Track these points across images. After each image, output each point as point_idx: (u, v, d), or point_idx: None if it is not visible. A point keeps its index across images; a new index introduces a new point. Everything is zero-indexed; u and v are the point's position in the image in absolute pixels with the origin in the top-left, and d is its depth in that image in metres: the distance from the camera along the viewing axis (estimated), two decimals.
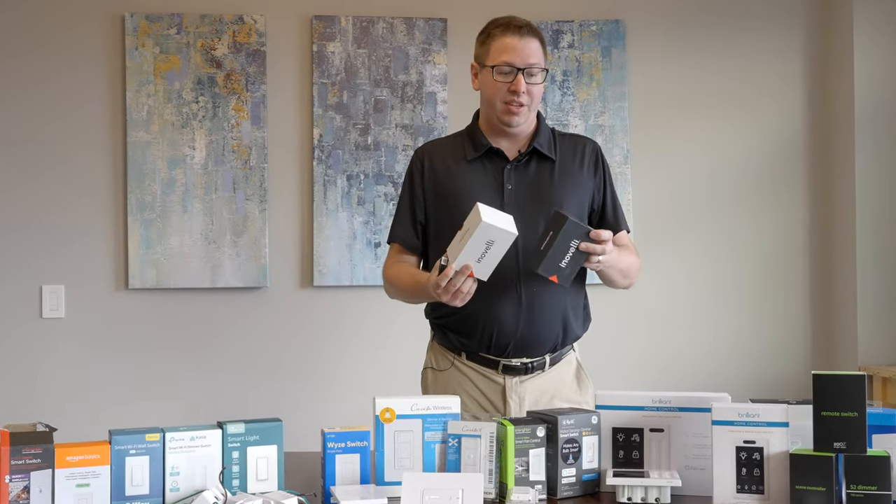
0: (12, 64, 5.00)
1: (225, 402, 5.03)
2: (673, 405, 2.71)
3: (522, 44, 3.18)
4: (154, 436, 2.49)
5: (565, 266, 2.97)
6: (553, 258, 2.96)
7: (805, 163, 5.32)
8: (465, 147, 3.33)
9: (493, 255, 2.93)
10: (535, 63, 3.19)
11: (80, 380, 5.00)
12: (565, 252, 2.95)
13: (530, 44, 3.19)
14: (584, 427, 2.68)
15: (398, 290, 3.37)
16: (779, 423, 2.51)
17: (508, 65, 3.18)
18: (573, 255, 2.96)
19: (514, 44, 3.18)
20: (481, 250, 2.91)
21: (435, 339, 3.43)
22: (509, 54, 3.18)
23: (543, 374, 3.28)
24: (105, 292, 5.03)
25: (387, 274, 3.42)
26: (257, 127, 5.05)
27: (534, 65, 3.19)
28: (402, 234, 3.38)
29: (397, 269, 3.37)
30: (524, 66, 3.18)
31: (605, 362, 4.91)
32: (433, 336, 3.44)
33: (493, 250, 2.92)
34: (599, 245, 2.96)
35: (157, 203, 4.99)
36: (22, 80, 5.01)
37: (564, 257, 2.96)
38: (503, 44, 3.20)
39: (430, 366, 3.41)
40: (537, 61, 3.20)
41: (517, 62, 3.17)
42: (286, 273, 5.11)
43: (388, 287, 3.43)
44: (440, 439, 2.67)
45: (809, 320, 5.32)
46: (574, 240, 2.95)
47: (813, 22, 5.33)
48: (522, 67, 3.17)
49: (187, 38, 5.04)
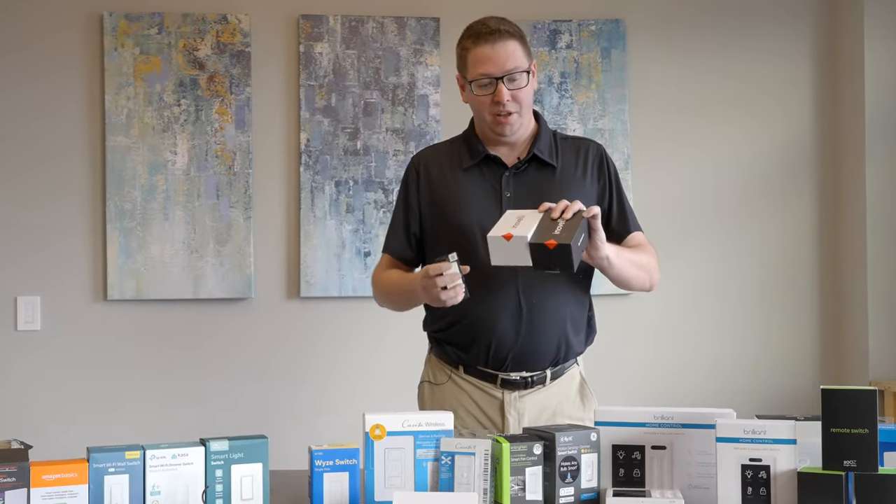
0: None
1: (208, 419, 5.03)
2: (675, 421, 2.71)
3: (496, 51, 3.15)
4: (134, 453, 2.49)
5: (560, 231, 2.87)
6: (542, 228, 2.89)
7: (813, 168, 5.33)
8: (462, 154, 3.33)
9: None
10: (514, 67, 3.16)
11: (56, 395, 4.99)
12: (555, 223, 2.90)
13: (505, 48, 3.16)
14: (582, 444, 2.68)
15: (385, 288, 3.38)
16: (786, 440, 2.51)
17: (486, 76, 3.17)
18: (566, 223, 2.88)
19: (488, 53, 3.16)
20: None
21: (432, 352, 3.43)
22: (484, 65, 3.16)
23: (544, 388, 3.28)
24: (83, 304, 5.02)
25: (375, 277, 3.44)
26: (242, 131, 5.06)
27: (512, 70, 3.16)
28: (394, 246, 3.39)
29: (388, 273, 3.38)
30: (502, 74, 3.15)
31: (606, 376, 4.91)
32: (430, 349, 3.45)
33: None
34: (561, 203, 2.93)
35: (137, 210, 4.98)
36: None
37: (556, 226, 2.89)
38: (476, 56, 3.18)
39: (427, 379, 3.42)
40: (516, 65, 3.17)
41: (494, 72, 3.15)
42: (272, 283, 5.11)
43: (375, 289, 3.45)
44: (432, 457, 2.67)
45: (818, 332, 5.33)
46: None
47: (821, 22, 5.34)
48: (500, 76, 3.16)
49: (168, 38, 5.04)
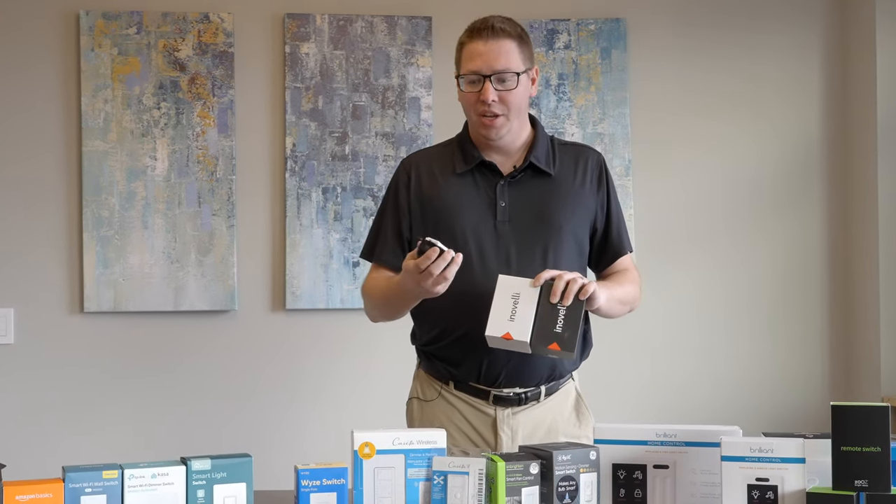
0: None
1: (189, 436, 5.02)
2: (678, 439, 2.71)
3: (488, 48, 3.17)
4: (112, 472, 2.49)
5: (561, 329, 2.96)
6: (542, 327, 2.97)
7: (823, 173, 5.33)
8: (455, 159, 3.33)
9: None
10: (505, 68, 3.17)
11: (31, 412, 4.98)
12: (554, 314, 2.96)
13: (498, 46, 3.17)
14: (581, 463, 2.68)
15: (377, 295, 3.35)
16: (794, 458, 2.52)
17: (474, 73, 3.19)
18: (566, 314, 2.96)
19: (479, 49, 3.18)
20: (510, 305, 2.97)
21: (421, 366, 3.43)
22: (474, 62, 3.18)
23: (539, 405, 3.28)
24: (58, 316, 5.01)
25: (365, 288, 3.43)
26: (225, 135, 5.06)
27: (502, 70, 3.17)
28: (385, 254, 3.36)
29: (377, 282, 3.36)
30: (490, 72, 3.16)
31: (605, 392, 4.91)
32: (419, 364, 3.45)
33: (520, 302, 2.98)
34: (561, 281, 2.97)
35: (114, 219, 4.98)
36: None
37: (556, 320, 2.96)
38: (469, 51, 3.21)
39: (415, 396, 3.42)
40: (507, 65, 3.18)
41: (483, 69, 3.17)
42: (256, 295, 5.11)
43: (367, 300, 3.43)
44: (424, 476, 2.67)
45: (828, 345, 5.33)
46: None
47: (831, 19, 5.35)
48: (489, 74, 3.17)
49: (148, 38, 5.04)
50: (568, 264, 3.21)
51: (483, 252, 3.21)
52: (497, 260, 3.20)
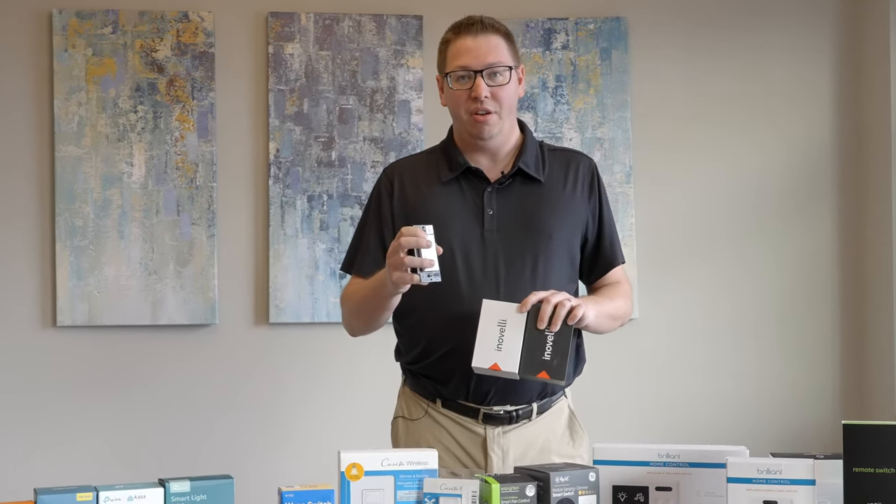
0: None
1: (168, 456, 5.01)
2: (682, 460, 2.72)
3: (477, 43, 3.18)
4: (86, 495, 2.48)
5: (550, 357, 2.97)
6: (530, 355, 2.98)
7: (834, 182, 5.34)
8: (440, 166, 3.33)
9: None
10: (496, 62, 3.18)
11: (1, 431, 4.97)
12: (542, 340, 2.97)
13: (487, 41, 3.19)
14: (580, 485, 2.68)
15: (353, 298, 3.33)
16: (804, 480, 2.52)
17: (464, 68, 3.19)
18: (554, 340, 2.97)
19: (468, 45, 3.19)
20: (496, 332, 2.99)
21: (407, 384, 3.43)
22: (463, 57, 3.19)
23: (531, 423, 3.28)
24: (29, 330, 5.01)
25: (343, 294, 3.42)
26: (205, 140, 5.06)
27: (494, 64, 3.18)
28: (366, 264, 3.33)
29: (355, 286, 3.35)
30: (482, 67, 3.17)
31: (606, 411, 4.92)
32: (404, 381, 3.44)
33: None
34: (549, 306, 2.98)
35: (89, 228, 4.98)
36: None
37: (544, 347, 2.97)
38: (456, 48, 3.22)
39: (401, 415, 3.41)
40: (498, 60, 3.19)
41: (473, 64, 3.18)
42: (238, 308, 5.11)
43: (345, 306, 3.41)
44: (415, 499, 2.67)
45: (839, 362, 5.33)
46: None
47: (843, 19, 5.36)
48: (480, 69, 3.17)
49: (124, 38, 5.04)
50: (558, 275, 3.22)
51: (470, 263, 3.20)
52: (484, 271, 3.20)
